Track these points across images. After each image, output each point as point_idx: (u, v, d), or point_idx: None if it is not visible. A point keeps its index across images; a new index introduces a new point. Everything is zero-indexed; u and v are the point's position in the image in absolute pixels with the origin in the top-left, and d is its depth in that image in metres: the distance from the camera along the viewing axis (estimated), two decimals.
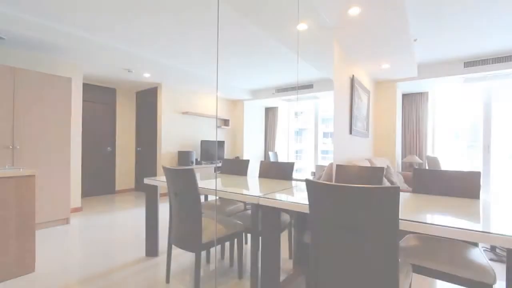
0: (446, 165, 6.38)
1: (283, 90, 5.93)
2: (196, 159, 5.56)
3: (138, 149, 5.64)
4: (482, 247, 2.77)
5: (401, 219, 1.05)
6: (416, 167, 5.05)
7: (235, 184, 2.09)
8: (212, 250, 2.43)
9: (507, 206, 1.45)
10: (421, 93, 5.50)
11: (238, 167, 2.81)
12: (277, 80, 5.45)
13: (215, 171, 5.38)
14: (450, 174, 1.74)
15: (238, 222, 1.98)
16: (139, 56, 3.85)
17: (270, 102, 6.78)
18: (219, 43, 3.53)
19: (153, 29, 3.11)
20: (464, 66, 4.27)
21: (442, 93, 5.67)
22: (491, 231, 0.96)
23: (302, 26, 2.72)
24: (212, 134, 6.05)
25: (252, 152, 6.96)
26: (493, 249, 2.65)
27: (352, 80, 3.53)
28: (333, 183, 1.06)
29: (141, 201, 4.69)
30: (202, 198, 2.71)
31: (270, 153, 6.87)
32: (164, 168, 1.83)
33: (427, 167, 5.11)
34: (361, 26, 2.76)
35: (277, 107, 7.19)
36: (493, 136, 5.11)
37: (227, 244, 2.61)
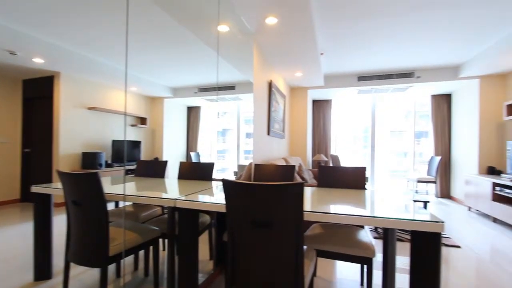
0: (345, 162, 7.53)
1: (205, 89, 5.86)
2: (107, 161, 4.92)
3: (26, 150, 4.60)
4: (369, 227, 3.39)
5: (305, 211, 1.19)
6: (323, 164, 5.79)
7: (151, 187, 1.95)
8: (126, 261, 2.20)
9: (385, 194, 1.82)
10: (327, 100, 6.34)
11: (155, 169, 2.63)
12: (199, 79, 5.35)
13: (124, 174, 4.86)
14: (344, 170, 2.07)
15: (154, 228, 1.85)
16: (27, 35, 3.15)
17: (193, 101, 6.60)
18: (135, 34, 3.22)
19: (45, 5, 2.59)
20: (358, 79, 5.15)
21: (342, 101, 6.68)
22: (371, 216, 1.19)
23: (223, 28, 2.75)
24: (127, 133, 5.46)
25: (173, 153, 6.62)
26: (375, 229, 3.27)
27: (270, 84, 3.78)
28: (247, 181, 1.11)
29: (30, 214, 3.84)
30: (112, 205, 2.42)
31: (192, 154, 6.68)
32: (59, 172, 1.55)
33: (331, 164, 5.93)
34: (278, 36, 2.99)
35: (200, 107, 7.06)
36: (377, 138, 6.32)
37: (142, 253, 2.41)
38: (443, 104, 5.70)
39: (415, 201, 3.45)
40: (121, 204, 2.51)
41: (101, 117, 4.94)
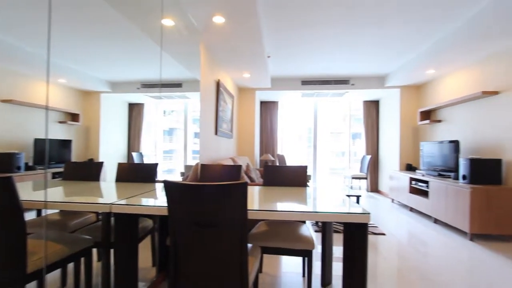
0: (291, 161, 7.91)
1: (149, 85, 5.50)
2: (27, 164, 4.23)
3: None
4: (310, 222, 3.64)
5: (250, 210, 1.22)
6: (269, 164, 5.99)
7: (83, 191, 1.75)
8: (49, 277, 1.92)
9: (324, 190, 1.98)
10: (274, 101, 6.58)
11: (88, 171, 2.37)
12: (142, 74, 5.00)
13: (46, 178, 4.25)
14: (288, 169, 2.18)
15: (86, 237, 1.66)
16: None
17: (135, 97, 6.13)
18: (64, 18, 2.83)
19: None
20: (301, 83, 5.47)
21: (288, 103, 7.02)
22: (310, 211, 1.28)
23: (168, 22, 2.63)
24: (53, 130, 4.78)
25: (112, 153, 6.05)
26: (316, 222, 3.52)
27: (218, 84, 3.75)
28: (192, 182, 1.09)
29: None
30: (33, 214, 2.10)
31: (134, 154, 6.21)
32: None
33: (277, 164, 6.17)
34: (226, 36, 2.99)
35: (143, 104, 6.59)
36: (319, 138, 6.81)
37: (72, 266, 2.14)
38: (372, 109, 6.45)
39: (348, 196, 3.83)
40: (43, 212, 2.20)
41: (21, 111, 4.22)
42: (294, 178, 2.16)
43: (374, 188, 6.36)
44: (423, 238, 3.09)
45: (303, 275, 2.14)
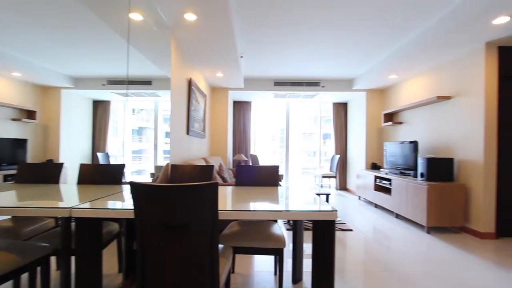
0: (264, 161, 7.98)
1: (116, 82, 5.23)
2: None
3: None
4: (282, 220, 3.71)
5: (221, 210, 1.21)
6: (243, 163, 5.99)
7: (40, 195, 1.62)
8: None
9: (295, 190, 2.02)
10: (247, 102, 6.60)
11: (45, 173, 2.19)
12: (108, 70, 4.73)
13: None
14: (260, 169, 2.20)
15: (42, 244, 1.54)
16: None
17: (100, 94, 5.78)
18: (19, 7, 2.59)
19: None
20: (274, 84, 5.55)
21: (261, 103, 7.08)
22: (281, 210, 1.30)
23: (136, 16, 2.52)
24: (5, 129, 4.35)
25: (74, 154, 5.65)
26: (288, 221, 3.59)
27: (190, 82, 3.68)
28: (159, 183, 1.05)
29: None
30: None
31: (100, 155, 5.86)
32: None
33: (250, 164, 6.19)
34: (198, 33, 2.93)
35: (109, 101, 6.24)
36: (291, 138, 6.96)
37: (27, 277, 1.96)
38: (341, 111, 6.74)
39: (318, 194, 3.96)
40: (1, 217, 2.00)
41: None
42: (266, 178, 2.18)
43: (342, 186, 6.64)
44: (386, 233, 3.30)
45: (275, 273, 2.18)
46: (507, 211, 3.11)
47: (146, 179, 4.28)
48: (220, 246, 1.50)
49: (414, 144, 3.92)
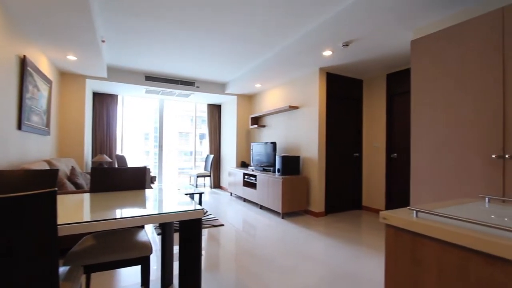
0: (134, 162, 7.18)
1: None
2: None
3: None
4: (153, 225, 3.46)
5: (62, 224, 0.98)
6: (106, 166, 5.16)
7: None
8: None
9: (166, 191, 1.92)
10: (112, 95, 5.74)
11: None
12: None
13: None
14: (124, 171, 1.97)
15: None
16: None
17: None
18: None
19: None
20: (145, 78, 5.10)
21: (131, 98, 6.33)
22: (146, 214, 1.20)
23: None
24: None
25: None
26: (160, 225, 3.39)
27: (24, 61, 2.80)
28: None
29: None
30: None
31: None
32: None
33: (116, 166, 5.41)
34: None
35: None
36: (167, 138, 6.62)
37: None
38: (215, 112, 7.04)
39: (191, 194, 3.97)
40: None
41: None
42: (131, 181, 1.97)
43: (216, 184, 6.95)
44: (252, 223, 3.72)
45: (141, 284, 2.00)
46: (331, 195, 4.23)
47: None
48: (65, 268, 1.23)
49: (274, 144, 4.63)
